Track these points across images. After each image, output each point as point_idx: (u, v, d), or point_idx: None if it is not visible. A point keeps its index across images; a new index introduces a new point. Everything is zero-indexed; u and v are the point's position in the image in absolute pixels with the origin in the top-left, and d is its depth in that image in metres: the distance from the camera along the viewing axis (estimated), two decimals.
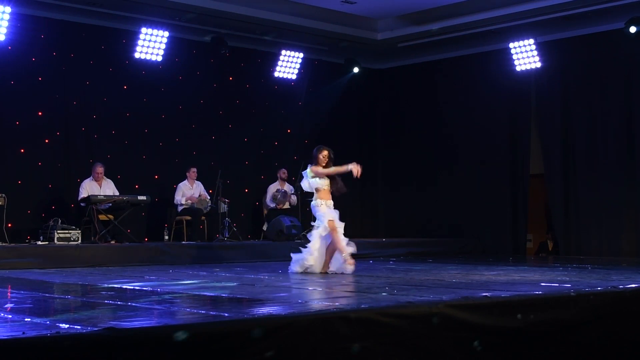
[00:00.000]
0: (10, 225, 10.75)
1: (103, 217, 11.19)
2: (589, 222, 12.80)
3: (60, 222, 10.64)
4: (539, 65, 13.15)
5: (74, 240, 10.44)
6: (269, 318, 4.10)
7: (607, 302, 5.41)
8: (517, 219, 13.77)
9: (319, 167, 8.65)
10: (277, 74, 14.16)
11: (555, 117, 13.28)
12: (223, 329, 3.71)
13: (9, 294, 6.36)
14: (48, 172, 11.88)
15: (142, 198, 11.44)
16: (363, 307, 4.46)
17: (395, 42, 14.17)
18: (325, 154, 8.66)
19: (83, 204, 11.13)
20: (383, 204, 15.63)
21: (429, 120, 14.95)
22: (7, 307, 5.15)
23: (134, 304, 5.17)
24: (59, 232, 10.40)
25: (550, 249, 13.56)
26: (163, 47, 12.49)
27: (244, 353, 3.64)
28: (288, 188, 13.45)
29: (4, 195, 10.35)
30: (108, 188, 11.53)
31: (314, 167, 8.65)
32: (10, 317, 4.54)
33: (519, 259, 11.96)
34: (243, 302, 5.57)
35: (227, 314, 4.45)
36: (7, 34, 11.09)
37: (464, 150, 14.44)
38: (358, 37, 13.96)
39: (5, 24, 11.03)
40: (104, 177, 11.57)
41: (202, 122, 13.46)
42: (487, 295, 5.08)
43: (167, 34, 12.45)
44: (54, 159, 11.98)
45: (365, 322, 4.12)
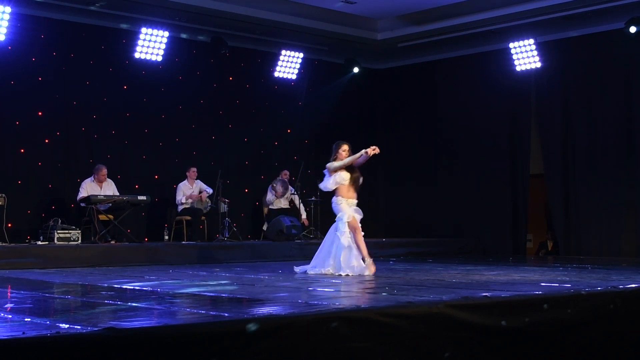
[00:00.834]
0: (10, 225, 10.75)
1: (103, 217, 11.19)
2: (589, 222, 12.80)
3: (60, 222, 10.64)
4: (539, 65, 13.15)
5: (74, 240, 10.44)
6: (269, 318, 4.10)
7: (607, 302, 5.41)
8: (517, 219, 13.77)
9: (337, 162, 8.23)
10: (277, 74, 14.15)
11: (555, 117, 13.28)
12: (223, 329, 3.71)
13: (9, 294, 6.36)
14: (48, 172, 11.88)
15: (142, 198, 11.44)
16: (363, 307, 4.46)
17: (395, 42, 14.17)
18: (346, 148, 8.23)
19: (83, 204, 11.13)
20: (383, 204, 15.62)
21: (429, 121, 14.95)
22: (7, 307, 5.15)
23: (134, 304, 5.17)
24: (59, 232, 10.40)
25: (550, 249, 13.57)
26: (163, 47, 12.50)
27: (244, 353, 3.64)
28: (289, 187, 13.45)
29: (4, 195, 10.35)
30: (109, 189, 11.52)
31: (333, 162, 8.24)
32: (10, 317, 4.54)
33: (519, 259, 11.96)
34: (243, 302, 5.57)
35: (227, 314, 4.45)
36: (7, 34, 11.09)
37: (464, 150, 14.44)
38: (358, 37, 13.96)
39: (5, 24, 11.02)
40: (106, 180, 11.58)
41: (202, 122, 13.46)
42: (487, 295, 5.08)
43: (167, 34, 12.45)
44: (54, 159, 11.97)
45: (365, 322, 4.12)
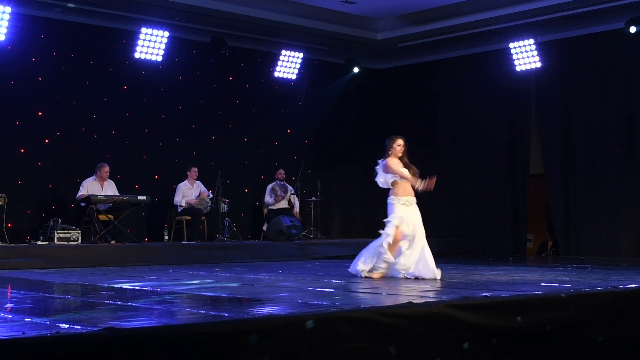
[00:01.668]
0: (10, 225, 10.74)
1: (103, 217, 11.18)
2: (589, 222, 12.79)
3: (60, 222, 10.64)
4: (539, 65, 13.15)
5: (74, 240, 10.44)
6: (269, 318, 4.10)
7: (607, 302, 5.41)
8: (517, 219, 13.76)
9: (395, 158, 7.60)
10: (277, 74, 14.15)
11: (555, 117, 13.27)
12: (223, 329, 3.71)
13: (9, 294, 6.36)
14: (48, 172, 11.88)
15: (142, 198, 11.44)
16: (363, 307, 4.46)
17: (395, 42, 14.17)
18: (401, 143, 7.60)
19: (83, 204, 11.12)
20: (383, 204, 15.56)
21: (429, 121, 14.93)
22: (7, 307, 5.15)
23: (134, 304, 5.18)
24: (59, 232, 10.40)
25: (549, 249, 13.57)
26: (163, 47, 12.50)
27: (244, 353, 3.63)
28: (288, 188, 13.46)
29: (4, 195, 10.34)
30: (109, 188, 11.52)
31: (390, 159, 7.59)
32: (10, 317, 4.54)
33: (519, 259, 11.96)
34: (243, 302, 5.57)
35: (227, 314, 4.45)
36: (7, 34, 11.09)
37: (464, 150, 14.43)
38: (358, 37, 13.95)
39: (5, 24, 11.02)
40: (107, 179, 11.57)
41: (202, 122, 13.45)
42: (487, 295, 5.08)
43: (167, 34, 12.45)
44: (54, 159, 11.97)
45: (365, 322, 4.12)
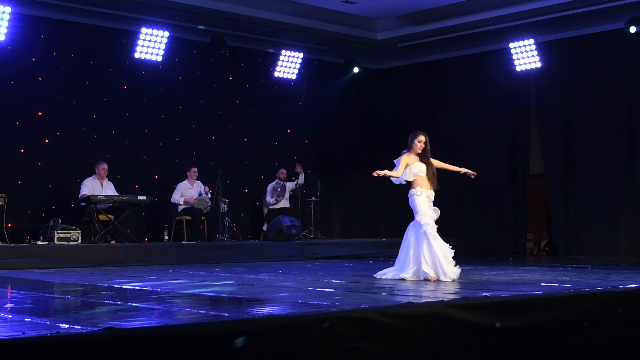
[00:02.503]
0: (10, 225, 10.74)
1: (103, 217, 11.18)
2: (589, 222, 12.80)
3: (60, 222, 10.64)
4: (539, 65, 13.15)
5: (74, 240, 10.44)
6: (269, 318, 4.10)
7: (607, 302, 5.41)
8: (517, 219, 13.77)
9: (413, 154, 7.38)
10: (277, 74, 14.15)
11: (555, 117, 13.27)
12: (223, 329, 3.71)
13: (9, 294, 6.36)
14: (48, 172, 11.88)
15: (142, 198, 11.43)
16: (363, 307, 4.46)
17: (395, 42, 14.17)
18: (422, 139, 7.35)
19: (83, 204, 11.13)
20: (383, 204, 15.61)
21: (429, 121, 14.88)
22: (7, 307, 5.15)
23: (134, 304, 5.17)
24: (59, 232, 10.40)
25: (542, 247, 13.57)
26: (163, 47, 12.50)
27: (244, 353, 3.63)
28: (287, 185, 13.46)
29: (4, 195, 10.34)
30: (109, 189, 11.52)
31: (405, 155, 7.38)
32: (10, 317, 4.54)
33: (519, 259, 11.96)
34: (243, 302, 5.57)
35: (227, 314, 4.45)
36: (7, 34, 11.10)
37: (464, 150, 14.40)
38: (358, 37, 13.95)
39: (5, 24, 11.03)
40: (106, 178, 11.57)
41: (202, 122, 13.45)
42: (487, 295, 5.08)
43: (167, 34, 12.45)
44: (54, 159, 11.97)
45: (365, 322, 4.12)
